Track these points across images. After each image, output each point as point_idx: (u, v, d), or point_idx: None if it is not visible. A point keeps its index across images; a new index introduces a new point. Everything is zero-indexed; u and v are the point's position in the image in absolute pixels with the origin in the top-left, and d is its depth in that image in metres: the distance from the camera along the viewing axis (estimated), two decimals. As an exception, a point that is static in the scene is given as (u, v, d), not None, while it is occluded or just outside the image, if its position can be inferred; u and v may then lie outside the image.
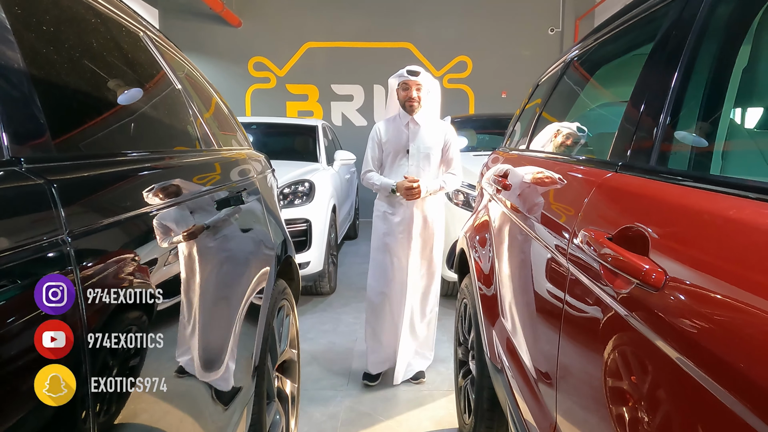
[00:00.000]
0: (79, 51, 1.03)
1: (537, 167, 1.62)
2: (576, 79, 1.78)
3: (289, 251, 2.16)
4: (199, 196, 1.27)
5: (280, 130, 5.96)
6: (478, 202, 2.45)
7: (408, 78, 2.64)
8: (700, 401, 0.60)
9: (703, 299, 0.63)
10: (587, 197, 1.06)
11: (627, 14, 1.31)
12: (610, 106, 1.55)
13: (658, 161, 0.91)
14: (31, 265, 0.63)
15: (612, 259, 0.82)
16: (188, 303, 1.09)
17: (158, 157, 1.21)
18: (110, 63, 1.17)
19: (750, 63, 0.93)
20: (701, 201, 0.73)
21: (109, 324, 0.74)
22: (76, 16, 1.07)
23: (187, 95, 1.62)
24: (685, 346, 0.63)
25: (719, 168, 0.89)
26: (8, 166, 0.68)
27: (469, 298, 2.23)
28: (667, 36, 1.03)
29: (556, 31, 8.94)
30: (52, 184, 0.70)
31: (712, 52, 0.95)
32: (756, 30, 0.92)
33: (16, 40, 0.79)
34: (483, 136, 5.98)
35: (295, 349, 2.23)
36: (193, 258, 1.14)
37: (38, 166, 0.73)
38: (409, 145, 2.68)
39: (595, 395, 0.92)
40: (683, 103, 0.94)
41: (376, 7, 8.81)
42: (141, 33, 1.44)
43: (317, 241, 4.07)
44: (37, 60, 0.85)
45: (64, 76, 0.92)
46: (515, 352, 1.51)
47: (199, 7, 8.37)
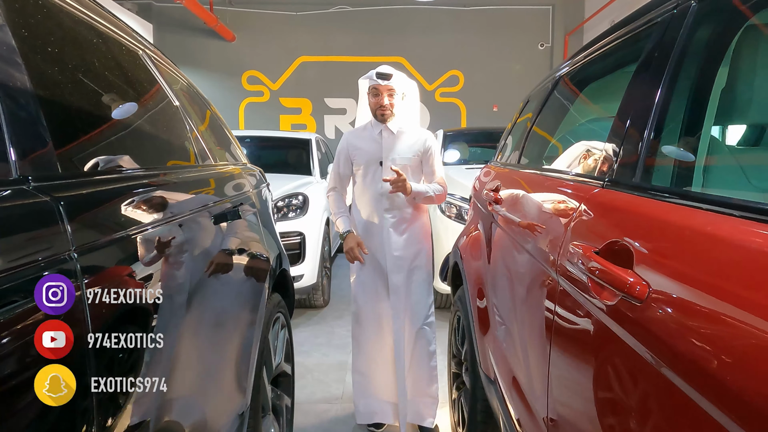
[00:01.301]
0: (82, 70, 1.06)
1: (527, 182, 1.66)
2: (564, 96, 1.83)
3: (284, 264, 2.18)
4: (197, 211, 1.29)
5: (273, 144, 5.99)
6: (471, 215, 2.49)
7: (377, 82, 2.24)
8: (683, 407, 0.63)
9: (684, 311, 0.66)
10: (575, 212, 1.09)
11: (612, 34, 1.36)
12: (597, 122, 1.59)
13: (642, 178, 0.95)
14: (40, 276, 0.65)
15: (599, 273, 0.85)
16: (186, 315, 1.11)
17: (157, 173, 1.24)
18: (112, 82, 1.20)
19: (728, 84, 0.98)
20: (683, 217, 0.77)
21: (112, 334, 0.76)
22: (78, 36, 1.09)
23: (185, 112, 1.65)
24: (669, 355, 0.66)
25: (701, 184, 0.93)
26: (17, 185, 0.70)
27: (462, 310, 2.25)
28: (650, 57, 1.08)
29: (546, 46, 9.09)
30: (59, 202, 0.72)
31: (692, 73, 1.00)
32: (733, 53, 0.97)
33: (23, 62, 0.82)
34: (475, 149, 6.04)
35: (290, 363, 2.23)
36: (192, 271, 1.16)
37: (44, 184, 0.75)
38: (382, 158, 2.30)
39: (584, 404, 0.95)
40: (665, 122, 0.98)
41: (369, 23, 8.93)
42: (140, 51, 1.47)
43: (311, 254, 4.09)
44: (42, 81, 0.87)
45: (68, 95, 0.95)
46: (508, 364, 1.53)
47: (193, 22, 8.44)
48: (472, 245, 2.20)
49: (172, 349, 1.02)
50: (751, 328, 0.55)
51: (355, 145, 2.37)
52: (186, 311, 1.11)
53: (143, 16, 8.01)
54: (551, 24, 8.99)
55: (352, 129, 2.51)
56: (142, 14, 8.06)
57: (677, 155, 0.97)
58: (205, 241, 1.27)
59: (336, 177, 2.42)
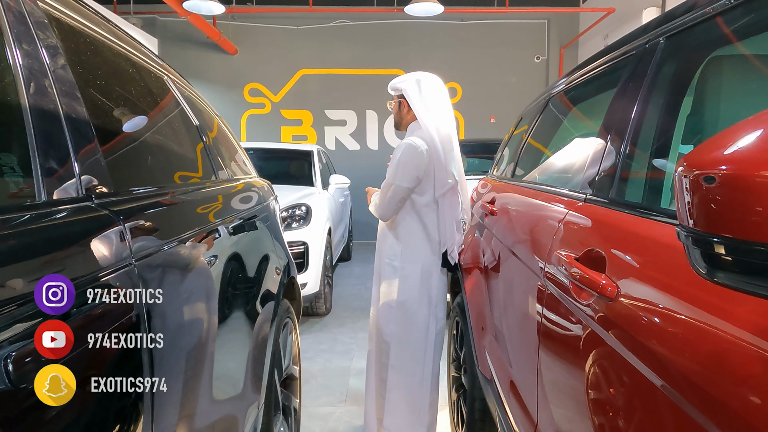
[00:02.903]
0: (123, 99, 1.19)
1: (520, 195, 1.80)
2: (552, 115, 1.97)
3: (292, 272, 2.30)
4: (222, 222, 1.42)
5: (276, 155, 6.13)
6: (469, 225, 2.62)
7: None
8: (652, 395, 0.75)
9: (647, 308, 0.79)
10: (561, 223, 1.22)
11: (593, 63, 1.50)
12: (582, 140, 1.73)
13: (617, 193, 1.08)
14: (106, 282, 0.78)
15: (578, 277, 0.98)
16: (212, 318, 1.24)
17: (170, 191, 1.36)
18: (146, 108, 1.34)
19: (693, 110, 1.11)
20: (648, 229, 0.90)
21: (165, 330, 0.88)
22: (118, 68, 1.23)
23: (202, 131, 1.79)
24: (636, 347, 0.79)
25: (668, 200, 1.06)
26: (83, 202, 0.84)
27: (461, 315, 2.38)
28: (625, 85, 1.22)
29: (542, 59, 9.28)
30: (119, 216, 0.85)
31: (661, 100, 1.13)
32: (697, 83, 1.10)
33: (81, 95, 0.95)
34: (473, 160, 6.19)
35: (297, 366, 2.35)
36: (217, 277, 1.28)
37: (104, 201, 0.88)
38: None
39: (570, 395, 1.07)
40: (638, 143, 1.12)
41: (368, 36, 9.12)
42: (165, 77, 1.61)
43: (314, 262, 4.21)
44: (96, 111, 1.01)
45: (115, 122, 1.09)
46: (502, 362, 1.66)
47: (196, 36, 8.63)
48: (470, 253, 2.33)
49: (203, 348, 1.14)
50: (700, 322, 0.68)
51: None
52: (209, 315, 1.24)
53: (148, 31, 8.19)
54: (547, 38, 9.19)
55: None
56: (146, 29, 8.24)
57: (648, 173, 1.10)
58: (230, 249, 1.40)
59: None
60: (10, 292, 0.60)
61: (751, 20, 0.93)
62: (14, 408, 0.59)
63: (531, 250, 1.37)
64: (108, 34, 1.22)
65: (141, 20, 8.30)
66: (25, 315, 0.61)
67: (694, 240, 0.55)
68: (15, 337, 0.59)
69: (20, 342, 0.59)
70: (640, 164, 1.11)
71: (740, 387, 0.58)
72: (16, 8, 0.84)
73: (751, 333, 0.58)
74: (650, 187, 1.04)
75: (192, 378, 1.01)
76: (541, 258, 1.27)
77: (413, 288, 2.20)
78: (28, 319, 0.62)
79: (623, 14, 7.13)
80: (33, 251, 0.68)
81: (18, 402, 0.59)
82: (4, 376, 0.55)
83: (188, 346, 0.99)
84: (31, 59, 0.82)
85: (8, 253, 0.64)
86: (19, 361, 0.57)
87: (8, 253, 0.64)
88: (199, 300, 1.12)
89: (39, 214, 0.72)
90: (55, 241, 0.73)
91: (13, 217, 0.68)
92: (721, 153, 0.48)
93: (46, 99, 0.82)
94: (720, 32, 1.02)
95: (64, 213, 0.77)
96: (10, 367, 0.55)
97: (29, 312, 0.62)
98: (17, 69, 0.78)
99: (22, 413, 0.60)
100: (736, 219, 0.47)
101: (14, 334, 0.59)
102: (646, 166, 1.09)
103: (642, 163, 1.11)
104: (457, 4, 7.95)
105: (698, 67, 1.11)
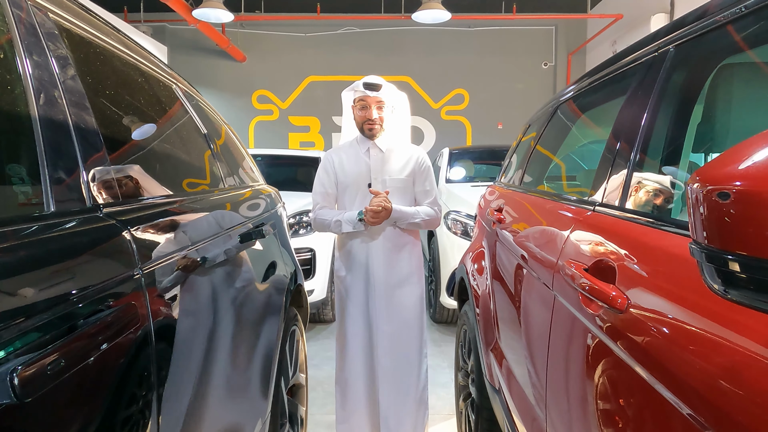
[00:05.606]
0: (132, 109, 1.20)
1: (528, 204, 1.79)
2: (560, 124, 1.96)
3: (299, 280, 2.30)
4: (230, 230, 1.43)
5: (284, 162, 6.15)
6: (476, 233, 2.61)
7: (365, 94, 2.00)
8: (663, 409, 0.74)
9: (658, 320, 0.77)
10: (569, 232, 1.21)
11: (601, 71, 1.49)
12: (590, 150, 1.72)
13: (626, 203, 1.07)
14: (112, 292, 0.78)
15: (588, 288, 0.97)
16: (218, 328, 1.24)
17: (178, 200, 1.36)
18: (154, 117, 1.35)
19: (703, 119, 1.10)
20: (659, 239, 0.89)
21: (172, 339, 0.88)
22: (127, 78, 1.24)
23: (210, 139, 1.79)
24: (648, 360, 0.78)
25: (678, 210, 1.05)
26: (91, 212, 0.84)
27: (468, 323, 2.36)
28: (635, 94, 1.21)
29: (550, 65, 9.28)
30: (127, 226, 0.86)
31: (670, 109, 1.12)
32: (707, 92, 1.09)
33: (90, 106, 0.96)
34: (480, 167, 6.17)
35: (304, 373, 2.35)
36: (224, 286, 1.28)
37: (111, 210, 0.89)
38: (371, 178, 2.08)
39: (580, 406, 1.06)
40: (647, 152, 1.11)
41: (375, 43, 9.16)
42: (173, 85, 1.62)
43: (321, 269, 4.21)
44: (104, 121, 1.01)
45: (123, 132, 1.09)
46: (511, 373, 1.64)
47: (205, 44, 8.71)
48: (478, 261, 2.32)
49: (210, 356, 1.14)
50: (711, 334, 0.67)
51: (339, 163, 2.11)
52: (215, 324, 1.24)
53: (158, 39, 8.28)
54: (554, 44, 9.19)
55: (334, 147, 2.22)
56: (156, 36, 8.33)
57: (657, 183, 1.09)
58: (238, 257, 1.40)
59: (324, 196, 2.15)
60: (18, 302, 0.60)
61: (763, 28, 0.92)
62: (20, 420, 0.59)
63: (539, 260, 1.36)
64: (117, 43, 1.23)
65: (151, 28, 8.39)
66: (32, 327, 0.61)
67: (708, 256, 0.54)
68: (22, 349, 0.59)
69: (28, 355, 0.59)
70: (649, 173, 1.09)
71: (752, 402, 0.57)
72: (27, 20, 0.84)
73: (765, 347, 0.57)
74: (660, 196, 1.03)
75: (199, 387, 1.01)
76: (549, 268, 1.25)
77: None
78: (36, 330, 0.62)
79: (631, 20, 7.12)
80: (41, 261, 0.68)
81: (23, 414, 0.59)
82: (11, 389, 0.55)
83: (195, 355, 0.99)
84: (41, 70, 0.82)
85: (16, 263, 0.64)
86: (25, 373, 0.58)
87: (16, 264, 0.64)
88: (206, 309, 1.12)
89: (47, 225, 0.72)
90: (63, 252, 0.73)
91: (21, 228, 0.69)
92: (736, 168, 0.47)
93: (55, 109, 0.82)
94: (731, 40, 1.01)
95: (72, 223, 0.77)
96: (15, 381, 0.55)
97: (37, 324, 0.62)
98: (27, 80, 0.79)
99: (28, 426, 0.60)
100: (751, 236, 0.46)
101: (22, 345, 0.59)
102: (657, 174, 1.08)
103: (652, 172, 1.10)
104: (465, 11, 7.97)
105: (709, 75, 1.10)
